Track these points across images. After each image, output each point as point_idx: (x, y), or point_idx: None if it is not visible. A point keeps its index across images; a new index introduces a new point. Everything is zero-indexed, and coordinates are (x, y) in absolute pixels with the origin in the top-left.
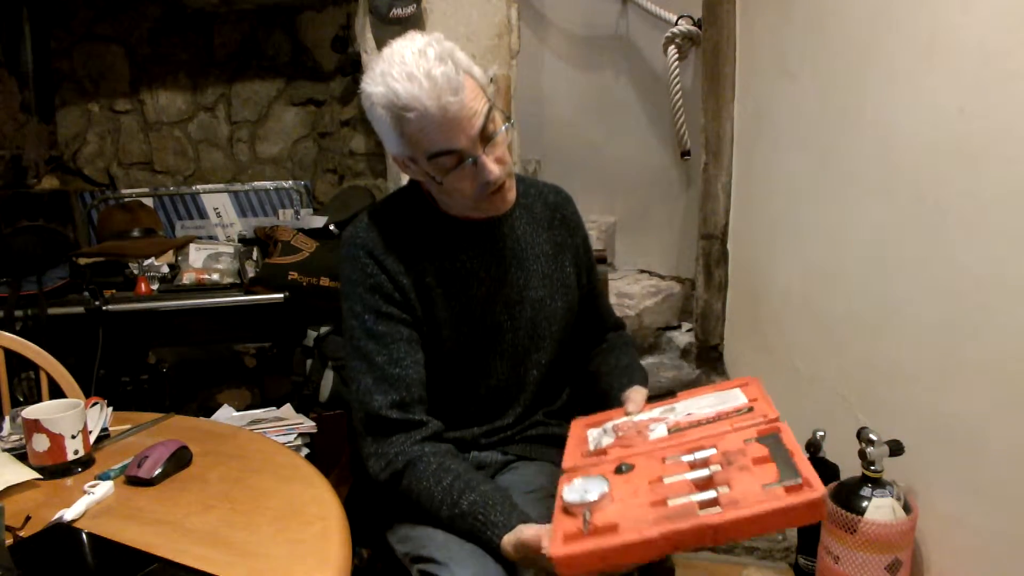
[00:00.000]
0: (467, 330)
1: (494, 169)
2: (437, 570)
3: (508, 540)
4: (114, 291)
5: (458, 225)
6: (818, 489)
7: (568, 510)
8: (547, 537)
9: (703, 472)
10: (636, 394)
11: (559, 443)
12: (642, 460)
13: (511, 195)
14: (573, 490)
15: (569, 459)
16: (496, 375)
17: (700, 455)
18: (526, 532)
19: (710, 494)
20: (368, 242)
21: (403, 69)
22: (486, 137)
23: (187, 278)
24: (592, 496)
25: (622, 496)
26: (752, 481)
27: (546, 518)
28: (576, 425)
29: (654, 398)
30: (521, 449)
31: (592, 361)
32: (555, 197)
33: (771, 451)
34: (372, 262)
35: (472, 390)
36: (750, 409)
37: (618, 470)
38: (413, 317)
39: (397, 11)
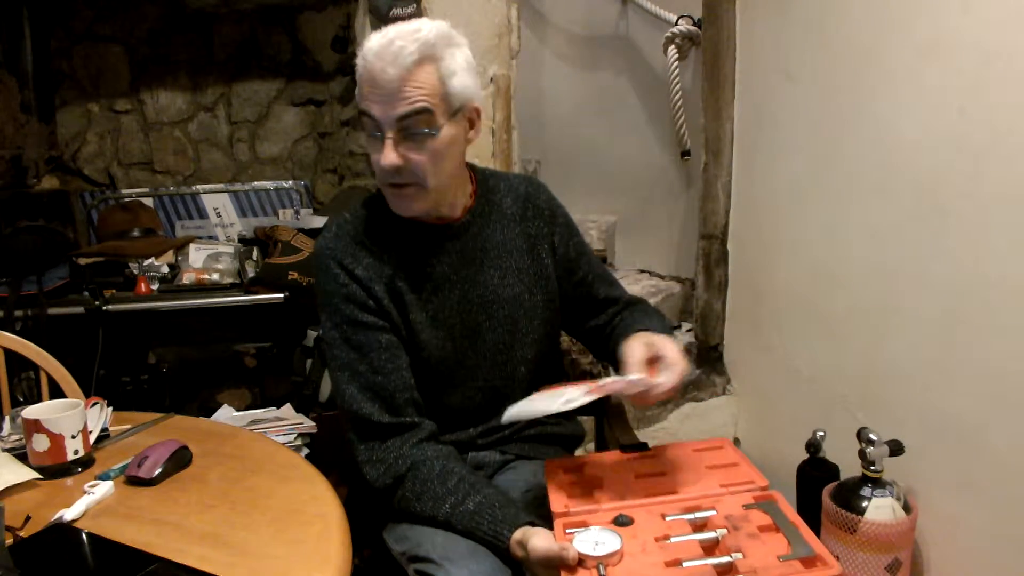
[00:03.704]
0: (445, 333)
1: (390, 157)
2: (434, 570)
3: (516, 538)
4: (114, 291)
5: (424, 229)
6: (834, 566)
7: (580, 562)
8: (559, 544)
9: (710, 535)
10: (634, 349)
11: (558, 441)
12: (641, 514)
13: (412, 204)
14: (584, 541)
15: (558, 503)
16: (482, 376)
17: (701, 515)
18: (536, 541)
19: (726, 559)
20: (337, 252)
21: (393, 29)
22: (404, 128)
23: (187, 278)
24: (604, 550)
25: (632, 552)
26: (765, 550)
27: (546, 519)
28: (551, 468)
29: (629, 447)
30: (519, 448)
31: (610, 340)
32: (526, 188)
33: (774, 520)
34: (342, 272)
35: (462, 392)
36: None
37: (617, 522)
38: (390, 322)
39: (397, 11)
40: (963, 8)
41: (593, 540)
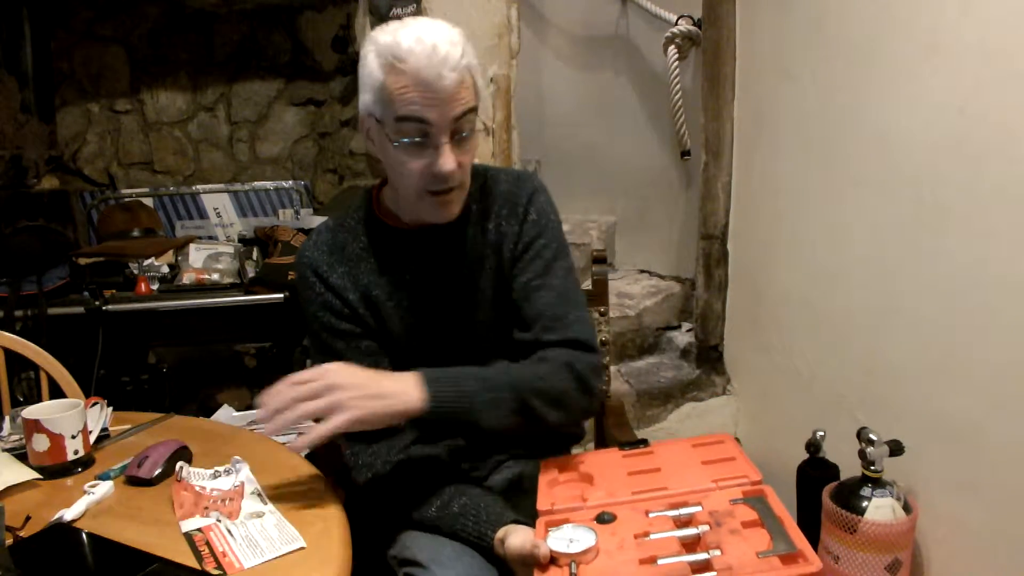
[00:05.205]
0: (425, 339)
1: (449, 163)
2: (421, 573)
3: (499, 537)
4: (114, 291)
5: (406, 237)
6: (815, 563)
7: (553, 559)
8: (531, 542)
9: (692, 531)
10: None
11: (555, 441)
12: (625, 510)
13: (455, 208)
14: (559, 539)
15: (544, 501)
16: None
17: (686, 511)
18: (512, 539)
19: (702, 556)
20: (313, 260)
21: (416, 31)
22: (457, 131)
23: (187, 278)
24: (578, 547)
25: (608, 549)
26: (745, 547)
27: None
28: (547, 466)
29: (629, 444)
30: (515, 448)
31: None
32: (508, 186)
33: (760, 515)
34: (317, 281)
35: None
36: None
37: (599, 519)
38: (367, 330)
39: (397, 11)
40: (963, 8)
41: (568, 538)
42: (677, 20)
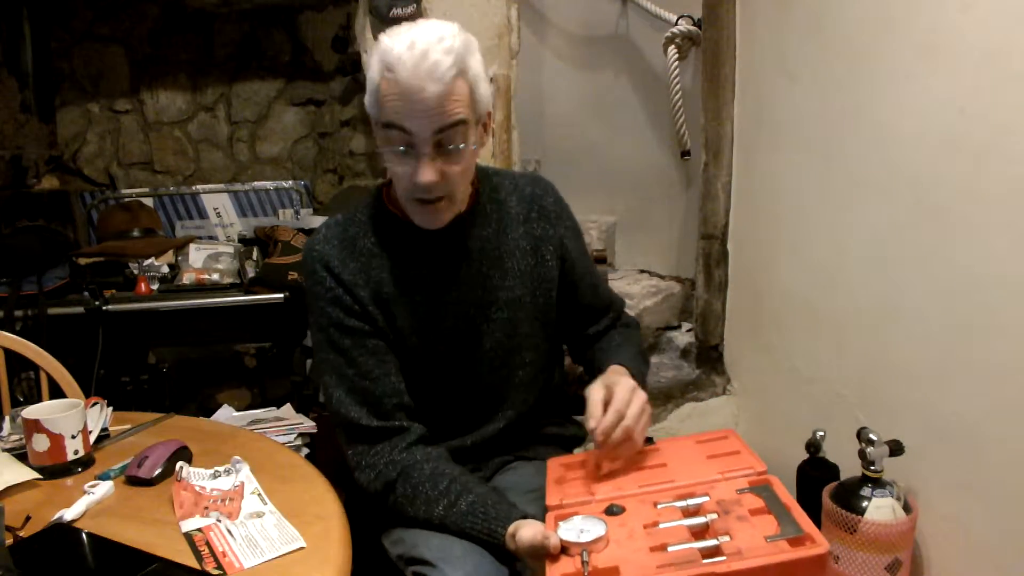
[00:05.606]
0: (437, 337)
1: (427, 176)
2: (430, 572)
3: (510, 532)
4: (114, 291)
5: (420, 232)
6: (822, 544)
7: (564, 549)
8: (542, 533)
9: (700, 520)
10: (593, 392)
11: (557, 442)
12: (633, 503)
13: (444, 216)
14: (570, 529)
15: (553, 497)
16: (478, 379)
17: (693, 502)
18: (523, 532)
19: (712, 542)
20: (324, 254)
21: (411, 37)
22: (442, 144)
23: (187, 278)
24: (589, 536)
25: (618, 539)
26: (753, 532)
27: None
28: (553, 465)
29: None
30: (519, 449)
31: (591, 348)
32: (532, 189)
33: (767, 503)
34: (328, 275)
35: (456, 397)
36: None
37: (608, 511)
38: (375, 328)
39: (397, 11)
40: (963, 8)
41: (578, 528)
42: (677, 20)
